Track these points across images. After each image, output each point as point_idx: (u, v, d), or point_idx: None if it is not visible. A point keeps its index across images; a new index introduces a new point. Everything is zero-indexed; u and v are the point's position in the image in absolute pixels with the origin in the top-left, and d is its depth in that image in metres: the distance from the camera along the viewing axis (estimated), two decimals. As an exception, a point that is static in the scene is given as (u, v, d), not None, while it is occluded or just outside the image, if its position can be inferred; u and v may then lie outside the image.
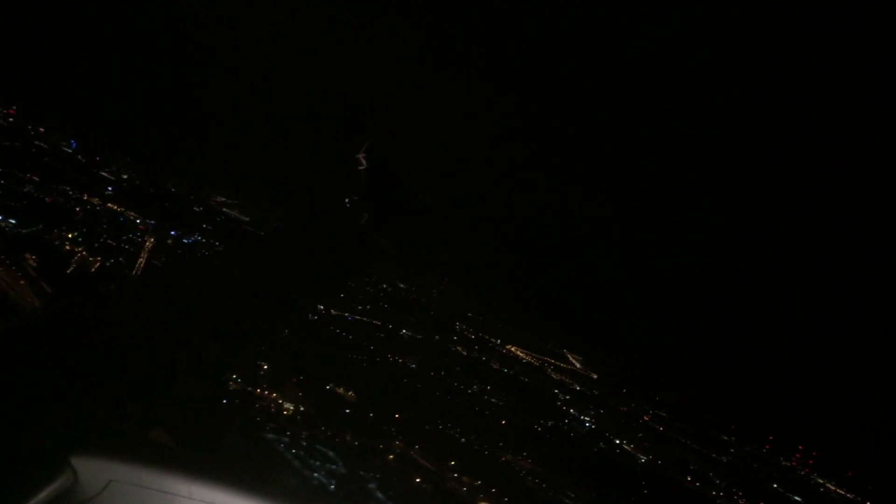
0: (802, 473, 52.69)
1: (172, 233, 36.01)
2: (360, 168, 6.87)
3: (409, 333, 44.99)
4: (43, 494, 3.06)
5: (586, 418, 45.60)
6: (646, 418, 51.31)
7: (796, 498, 46.89)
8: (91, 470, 3.25)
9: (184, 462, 3.32)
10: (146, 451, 3.41)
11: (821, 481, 52.14)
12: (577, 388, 51.63)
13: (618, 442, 44.53)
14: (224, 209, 44.40)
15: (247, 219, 44.46)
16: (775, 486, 47.72)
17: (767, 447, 54.35)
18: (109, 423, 3.79)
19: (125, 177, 39.62)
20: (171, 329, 4.63)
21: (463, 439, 35.28)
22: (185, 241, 36.44)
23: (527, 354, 53.25)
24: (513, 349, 53.08)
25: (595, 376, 56.78)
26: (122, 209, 35.39)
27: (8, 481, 3.04)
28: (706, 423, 55.59)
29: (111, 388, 4.02)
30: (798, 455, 54.04)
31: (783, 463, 53.42)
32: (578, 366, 57.48)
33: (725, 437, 54.47)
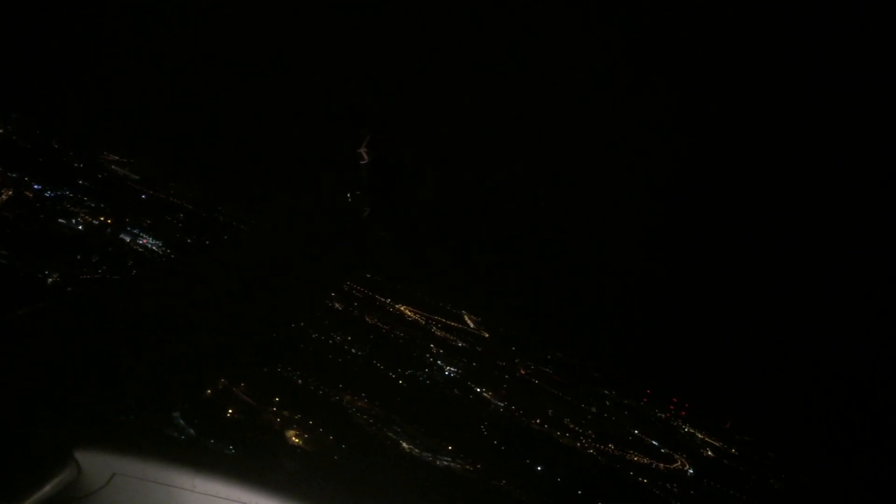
0: (674, 424, 55.69)
1: (36, 186, 38.70)
2: (362, 162, 6.92)
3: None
4: (47, 488, 3.03)
5: (453, 369, 48.65)
6: (522, 372, 54.28)
7: (654, 442, 49.93)
8: (94, 463, 3.21)
9: (187, 455, 3.29)
10: (149, 444, 3.35)
11: (691, 431, 55.14)
12: (460, 345, 54.59)
13: (478, 390, 47.62)
14: (113, 166, 47.05)
15: (136, 177, 47.21)
16: (636, 431, 50.69)
17: (644, 400, 57.30)
18: (112, 416, 3.76)
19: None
20: (172, 324, 4.68)
21: (300, 381, 38.37)
22: (48, 194, 39.14)
23: (415, 313, 56.20)
24: (401, 307, 56.02)
25: (487, 335, 59.66)
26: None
27: (12, 475, 3.02)
28: (589, 379, 58.52)
29: (114, 382, 3.99)
30: (672, 407, 57.09)
31: (658, 414, 56.41)
32: (472, 325, 60.30)
33: (606, 392, 57.38)
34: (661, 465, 46.31)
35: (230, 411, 34.01)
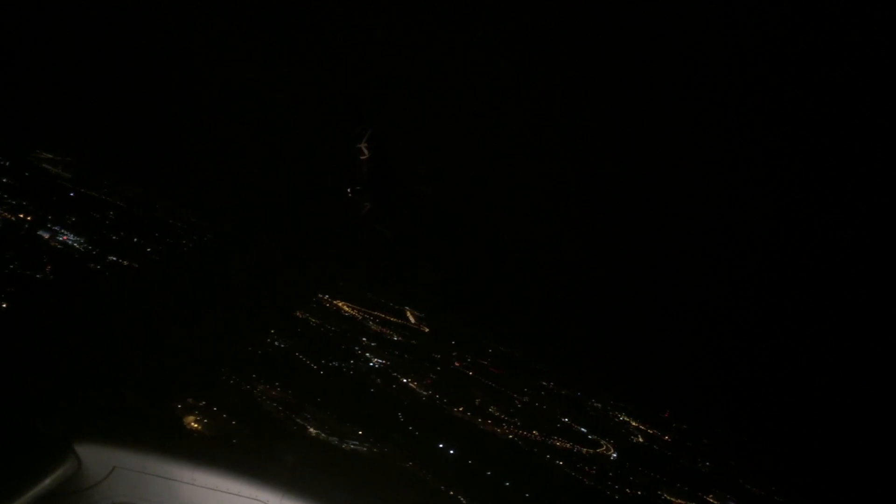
0: (610, 413, 56.24)
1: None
2: (362, 158, 6.88)
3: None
4: (48, 481, 3.02)
5: (380, 361, 49.30)
6: (456, 364, 54.90)
7: (582, 429, 50.50)
8: (95, 457, 3.20)
9: (186, 449, 3.27)
10: (149, 438, 3.33)
11: (627, 419, 55.69)
12: (395, 339, 55.23)
13: (404, 381, 48.24)
14: (44, 164, 47.81)
15: (68, 175, 47.93)
16: (566, 419, 51.27)
17: (580, 392, 57.83)
18: (113, 411, 3.72)
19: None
20: (171, 320, 4.71)
21: (209, 370, 38.99)
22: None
23: (352, 308, 56.85)
24: (339, 303, 56.70)
25: (427, 330, 60.24)
26: None
27: (14, 468, 3.01)
28: (528, 372, 59.07)
29: (114, 377, 3.98)
30: (609, 397, 57.66)
31: (594, 404, 56.95)
32: (413, 321, 60.89)
33: (545, 383, 57.93)
34: (585, 449, 46.88)
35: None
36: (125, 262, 44.67)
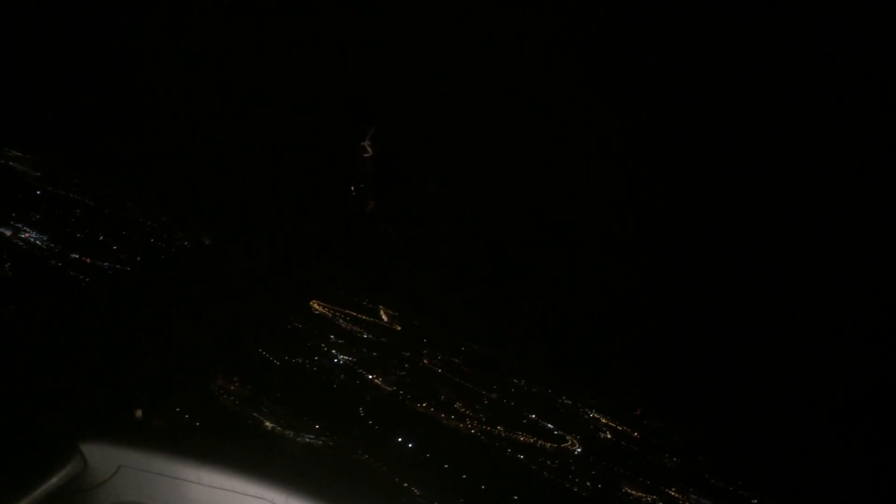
0: (580, 410, 56.23)
1: None
2: (366, 156, 6.71)
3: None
4: (53, 480, 3.02)
5: (346, 357, 49.40)
6: (425, 361, 54.98)
7: (549, 425, 50.51)
8: (101, 456, 3.20)
9: (192, 448, 3.28)
10: (155, 437, 3.35)
11: (596, 416, 55.66)
12: (365, 337, 55.32)
13: (369, 377, 48.33)
14: (11, 163, 48.16)
15: (37, 174, 48.23)
16: (533, 416, 51.29)
17: (550, 390, 57.87)
18: (119, 410, 3.72)
19: None
20: (175, 321, 4.78)
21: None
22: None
23: (322, 306, 56.97)
24: (311, 303, 56.83)
25: (399, 328, 60.34)
26: None
27: (19, 467, 3.00)
28: (500, 370, 59.10)
29: (120, 376, 3.99)
30: (580, 395, 57.66)
31: (564, 401, 56.95)
32: (386, 319, 60.98)
33: (515, 381, 57.96)
34: (549, 444, 46.90)
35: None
36: (88, 260, 44.89)
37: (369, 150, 6.84)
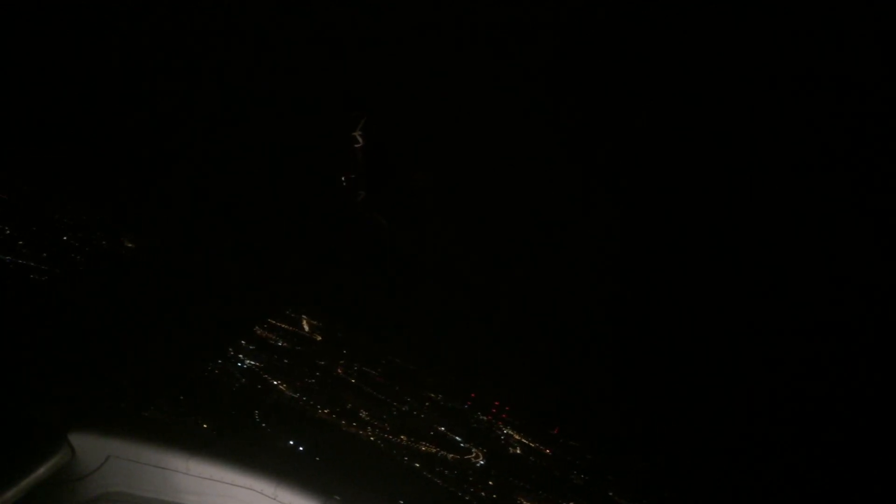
0: (496, 426, 56.05)
1: None
2: (357, 146, 6.77)
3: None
4: (41, 470, 2.94)
5: (252, 363, 48.79)
6: (339, 371, 54.51)
7: (457, 437, 50.24)
8: (89, 446, 3.12)
9: (180, 438, 3.18)
10: (143, 427, 3.22)
11: (510, 433, 55.53)
12: (280, 344, 54.73)
13: (274, 383, 47.76)
14: None
15: None
16: (442, 428, 50.99)
17: (469, 404, 57.69)
18: (107, 400, 3.73)
19: None
20: (165, 311, 4.85)
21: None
22: None
23: (239, 314, 56.32)
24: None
25: (319, 338, 59.83)
26: None
27: (7, 458, 2.92)
28: (418, 384, 58.77)
29: (108, 367, 4.09)
30: (494, 410, 57.57)
31: (480, 417, 56.77)
32: (307, 329, 60.40)
33: (433, 395, 57.66)
34: (451, 455, 46.61)
35: None
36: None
37: (360, 140, 6.14)
